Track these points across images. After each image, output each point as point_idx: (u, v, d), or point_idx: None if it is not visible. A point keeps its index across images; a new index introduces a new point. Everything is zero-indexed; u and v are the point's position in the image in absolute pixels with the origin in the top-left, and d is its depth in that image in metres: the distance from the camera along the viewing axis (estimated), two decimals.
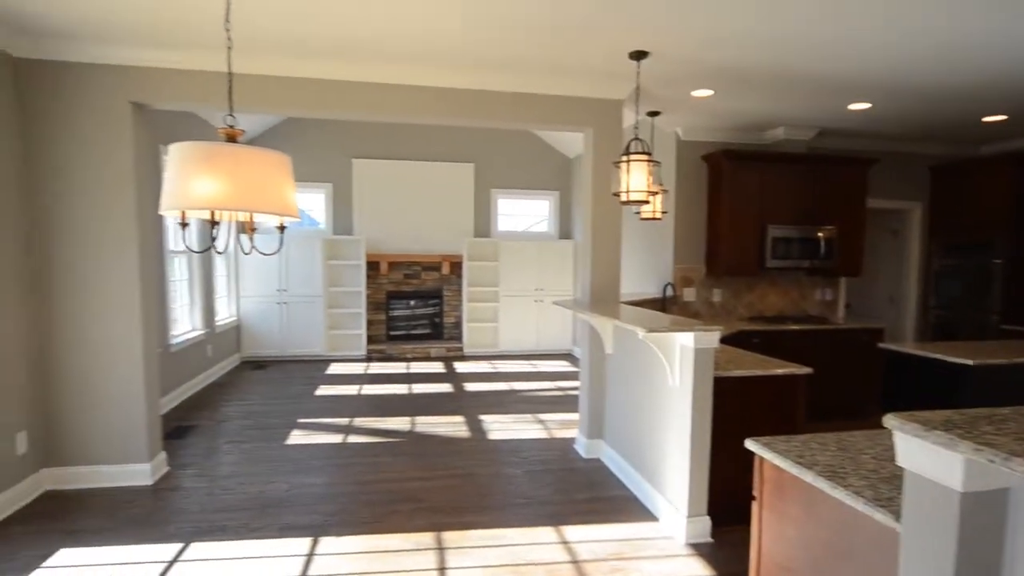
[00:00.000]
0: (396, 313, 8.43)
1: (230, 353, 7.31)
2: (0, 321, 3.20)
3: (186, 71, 3.55)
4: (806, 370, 3.18)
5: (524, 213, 8.79)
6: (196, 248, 4.21)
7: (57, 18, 3.02)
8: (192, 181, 1.97)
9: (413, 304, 8.48)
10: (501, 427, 4.93)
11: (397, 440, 4.57)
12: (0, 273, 3.20)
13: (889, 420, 1.16)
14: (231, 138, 2.17)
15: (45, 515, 3.25)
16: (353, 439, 4.57)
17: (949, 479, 1.07)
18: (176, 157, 1.99)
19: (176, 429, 4.76)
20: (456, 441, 4.56)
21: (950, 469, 1.07)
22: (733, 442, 3.03)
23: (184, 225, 2.11)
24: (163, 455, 3.88)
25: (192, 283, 6.22)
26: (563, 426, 4.96)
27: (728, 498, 3.02)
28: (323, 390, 6.14)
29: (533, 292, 8.29)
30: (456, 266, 8.37)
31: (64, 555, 2.82)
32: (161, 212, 2.04)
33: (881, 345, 4.21)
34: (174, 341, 5.54)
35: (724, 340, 4.51)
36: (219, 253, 2.23)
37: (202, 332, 6.25)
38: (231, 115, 2.29)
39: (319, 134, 7.98)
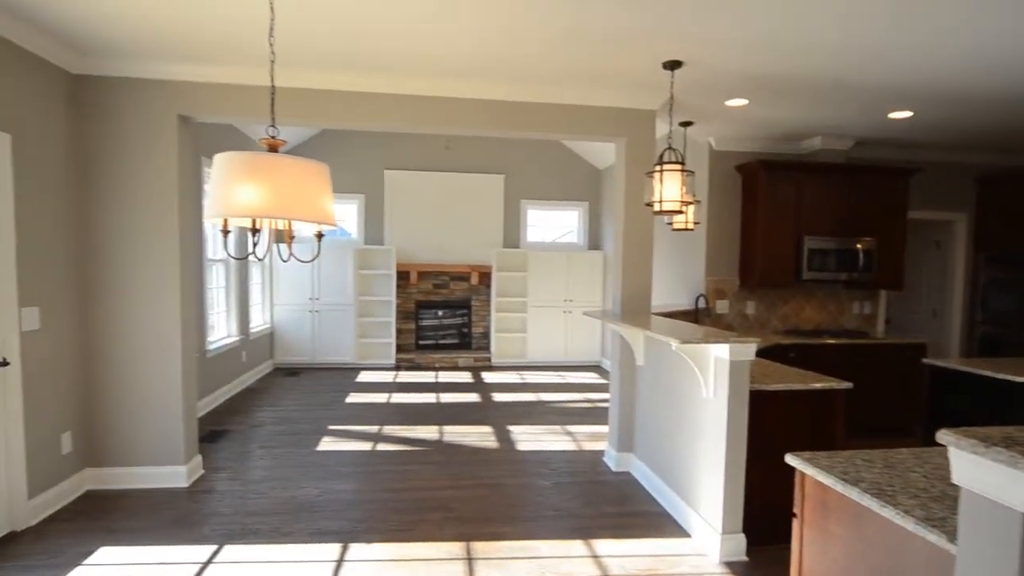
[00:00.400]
0: (425, 323, 8.49)
1: (263, 360, 7.46)
2: (54, 325, 3.33)
3: (231, 85, 3.67)
4: (846, 385, 3.08)
5: (553, 224, 8.80)
6: (234, 256, 4.32)
7: (111, 36, 3.16)
8: (235, 189, 2.02)
9: (442, 314, 8.53)
10: (529, 438, 4.90)
11: (426, 449, 4.58)
12: (54, 280, 3.34)
13: (944, 436, 1.11)
14: (273, 148, 2.23)
15: (87, 513, 3.34)
16: (382, 447, 4.60)
17: (1011, 499, 1.02)
18: (220, 166, 2.05)
19: (210, 433, 4.86)
20: (484, 451, 4.55)
21: (1012, 488, 1.01)
22: (769, 458, 2.95)
23: (226, 233, 2.16)
24: (199, 458, 3.96)
25: (229, 291, 6.38)
26: (592, 438, 4.90)
27: (764, 515, 2.94)
28: (353, 398, 6.21)
29: (562, 303, 8.26)
30: (485, 276, 8.41)
31: (104, 553, 2.90)
32: (206, 219, 2.10)
33: (925, 361, 4.06)
34: (210, 347, 5.68)
35: (759, 353, 4.41)
36: (259, 260, 2.28)
37: (237, 339, 6.40)
38: (273, 126, 2.35)
39: (353, 146, 8.14)
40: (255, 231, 2.14)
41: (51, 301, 3.33)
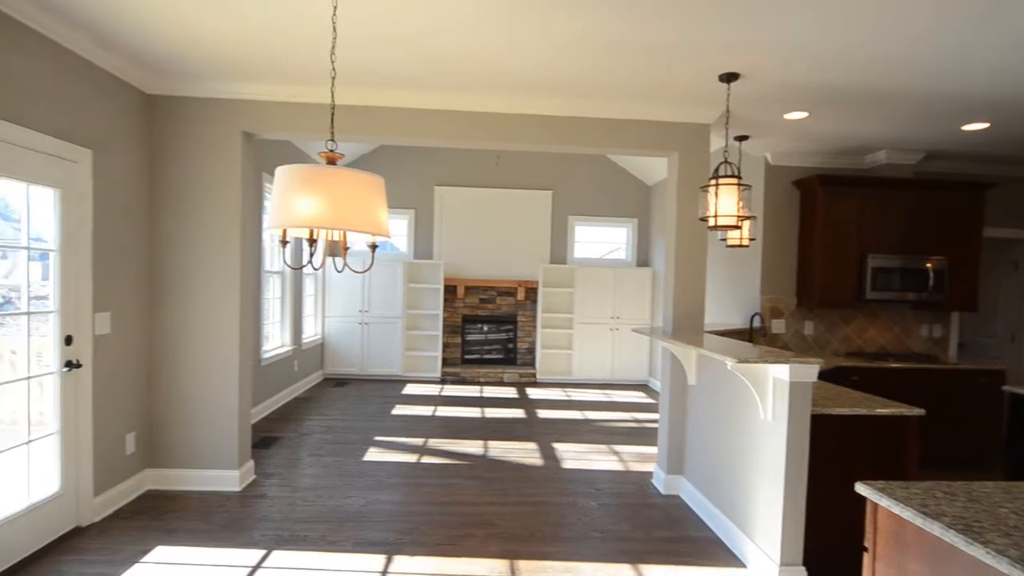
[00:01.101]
0: (471, 337, 8.53)
1: (314, 369, 7.64)
2: (123, 330, 3.51)
3: (292, 103, 3.81)
4: (917, 411, 2.88)
5: (601, 240, 8.72)
6: (291, 265, 4.46)
7: (183, 57, 3.34)
8: (294, 200, 2.07)
9: (487, 329, 8.55)
10: (575, 456, 4.81)
11: (470, 463, 4.56)
12: (125, 287, 3.52)
13: None
14: (331, 161, 2.28)
15: (146, 512, 3.47)
16: (427, 459, 4.60)
17: None
18: (281, 179, 2.12)
19: (263, 439, 4.99)
20: (529, 468, 4.49)
21: None
22: (832, 487, 2.79)
23: (284, 243, 2.22)
24: (251, 463, 4.07)
25: (284, 302, 6.59)
26: (640, 459, 4.77)
27: (827, 548, 2.77)
28: (399, 410, 6.27)
29: (608, 320, 8.14)
30: (531, 292, 8.39)
31: (161, 552, 2.99)
32: (266, 230, 2.16)
33: (1006, 388, 3.77)
34: (265, 356, 5.86)
35: (820, 376, 4.21)
36: (315, 270, 2.33)
37: (290, 348, 6.58)
38: (332, 140, 2.41)
39: (405, 162, 8.33)
40: (312, 242, 2.19)
41: (121, 307, 3.51)
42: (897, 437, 2.87)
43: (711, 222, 3.35)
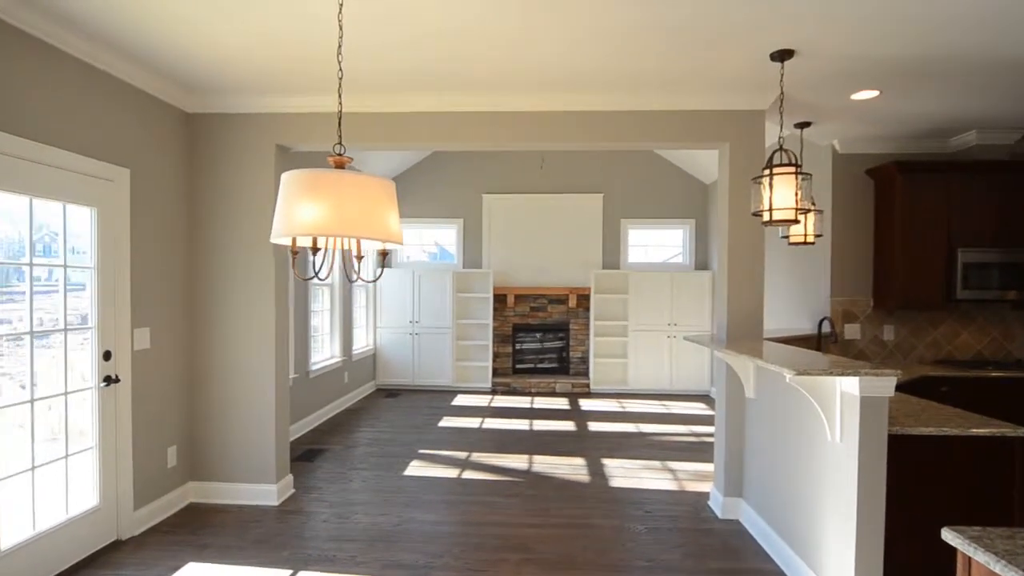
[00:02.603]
0: (522, 346, 8.33)
1: (366, 380, 7.67)
2: (162, 345, 3.55)
3: (323, 114, 3.77)
4: None
5: (656, 243, 8.32)
6: (301, 276, 4.42)
7: (219, 75, 3.36)
8: (297, 207, 1.96)
9: (539, 337, 8.32)
10: (625, 473, 4.49)
11: (513, 479, 4.34)
12: (164, 302, 3.57)
13: None
14: (339, 166, 2.15)
15: (185, 526, 3.47)
16: (468, 475, 4.43)
17: None
18: (284, 185, 2.00)
19: (308, 452, 4.98)
20: (575, 485, 4.22)
21: None
22: (914, 521, 2.39)
23: (295, 253, 2.10)
24: (290, 477, 4.03)
25: (333, 313, 6.64)
26: (696, 478, 4.39)
27: None
28: (446, 421, 6.14)
29: (665, 327, 7.72)
30: (583, 299, 8.10)
31: (191, 569, 2.96)
32: (272, 240, 2.05)
33: None
34: (313, 368, 5.90)
35: (902, 387, 3.73)
36: (322, 280, 2.19)
37: (339, 360, 6.62)
38: (340, 143, 2.29)
39: (452, 172, 8.28)
40: (315, 251, 2.06)
41: (160, 322, 3.56)
42: (998, 464, 2.42)
43: (766, 216, 3.00)
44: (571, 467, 4.64)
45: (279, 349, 3.87)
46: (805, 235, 4.11)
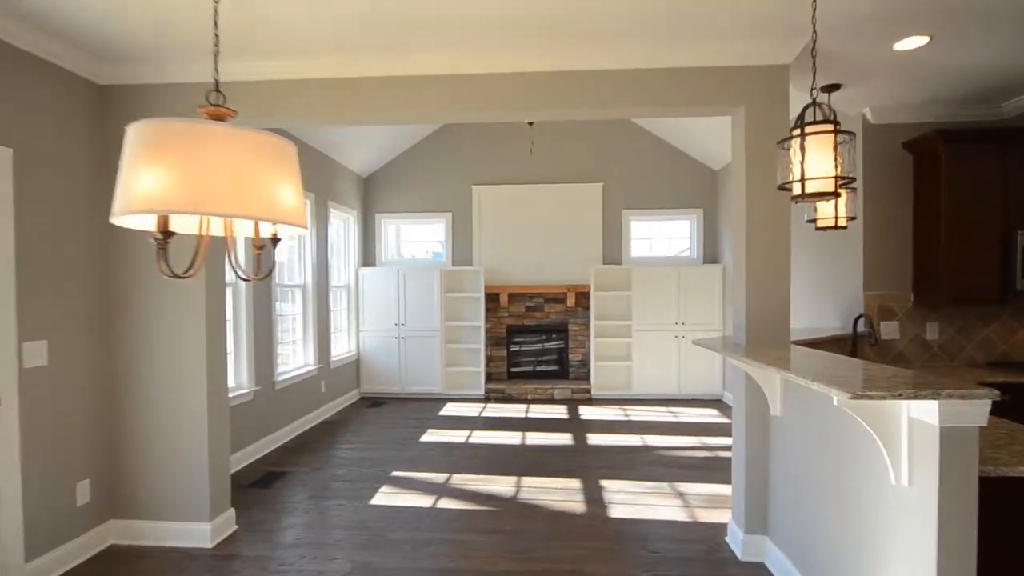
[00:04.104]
0: (517, 349, 7.71)
1: (348, 389, 7.08)
2: (67, 361, 2.96)
3: (268, 82, 3.16)
4: None
5: (661, 235, 7.67)
6: (171, 273, 3.81)
7: (134, 40, 2.76)
8: (138, 175, 1.35)
9: (535, 339, 7.69)
10: (627, 499, 3.86)
11: (495, 509, 3.72)
12: (68, 310, 2.97)
13: None
14: (218, 120, 1.54)
15: (99, 574, 2.89)
16: (445, 503, 3.81)
17: None
18: (127, 141, 1.40)
19: (267, 476, 4.39)
20: (567, 516, 3.60)
21: None
22: None
23: (159, 240, 1.47)
24: (230, 513, 3.43)
25: (306, 316, 6.04)
26: (711, 504, 3.76)
27: None
28: (430, 435, 5.53)
29: (673, 326, 7.07)
30: (583, 297, 7.47)
31: None
32: (111, 219, 1.43)
33: None
34: (280, 378, 5.30)
35: None
36: (178, 277, 1.57)
37: (314, 368, 6.02)
38: (217, 90, 1.68)
39: (438, 161, 7.66)
40: (163, 236, 1.44)
41: (63, 334, 2.96)
42: None
43: (796, 190, 2.36)
44: (565, 491, 4.02)
45: (213, 365, 3.27)
46: (836, 217, 3.47)
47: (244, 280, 1.74)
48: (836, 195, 2.31)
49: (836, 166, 2.27)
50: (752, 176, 2.99)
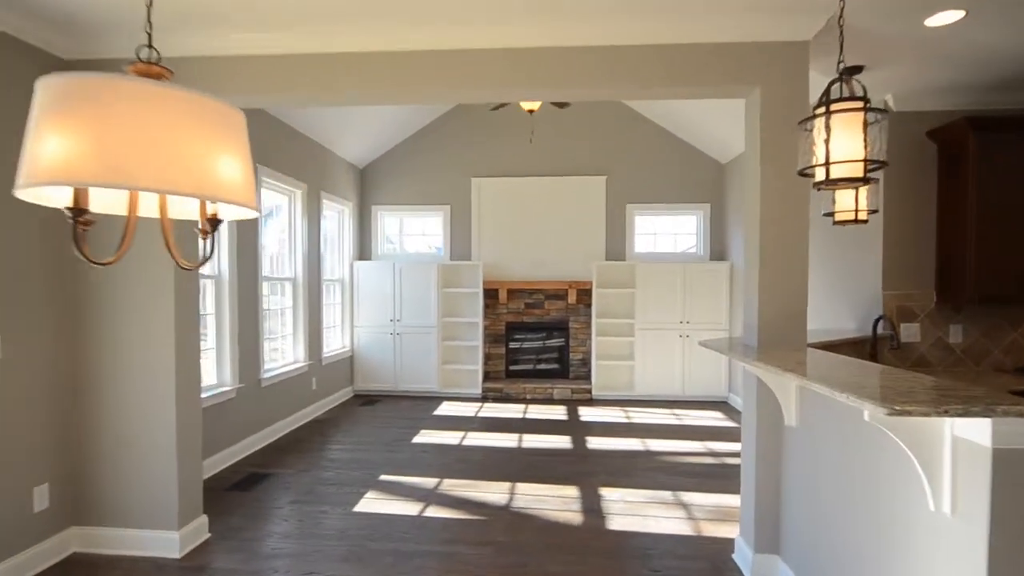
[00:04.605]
0: (516, 347, 7.47)
1: (341, 386, 6.86)
2: (23, 356, 2.74)
3: (244, 57, 2.92)
4: None
5: (667, 231, 7.41)
6: (89, 259, 3.59)
7: (97, 12, 2.54)
8: (43, 140, 1.12)
9: (535, 337, 7.46)
10: (627, 509, 3.63)
11: (486, 518, 3.49)
12: (25, 302, 2.75)
13: None
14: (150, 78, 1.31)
15: None
16: (432, 512, 3.58)
17: None
18: (35, 101, 1.16)
19: (249, 478, 4.17)
20: (562, 528, 3.37)
21: None
22: None
23: (79, 220, 1.24)
24: (202, 520, 3.21)
25: (296, 311, 5.82)
26: (716, 517, 3.52)
27: None
28: (423, 436, 5.31)
29: (677, 325, 6.82)
30: (584, 294, 7.22)
31: None
32: (15, 192, 1.20)
33: None
34: (267, 375, 5.08)
35: None
36: (97, 265, 1.33)
37: (304, 364, 5.80)
38: (151, 46, 1.46)
39: (436, 152, 7.42)
40: (76, 214, 1.21)
41: (19, 327, 2.74)
42: None
43: (818, 176, 2.12)
44: (562, 500, 3.79)
45: (183, 361, 3.04)
46: (856, 211, 3.21)
47: (185, 269, 1.51)
48: (865, 181, 2.07)
49: (865, 148, 2.02)
50: (768, 164, 2.75)
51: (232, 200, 1.23)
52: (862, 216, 3.23)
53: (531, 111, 5.22)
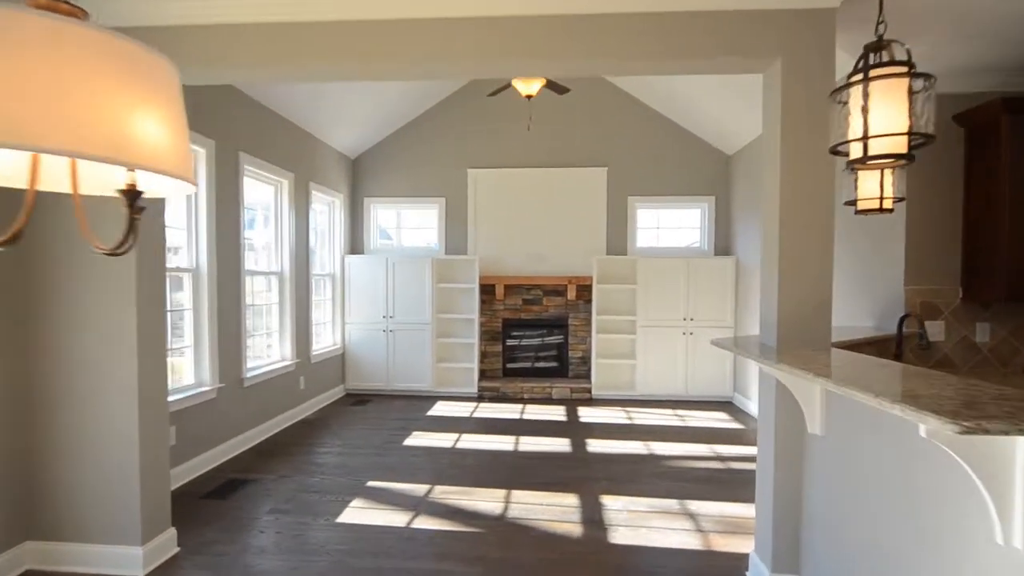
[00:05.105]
0: (513, 345, 7.22)
1: (332, 385, 6.60)
2: None
3: (199, 28, 2.66)
4: None
5: (670, 225, 7.15)
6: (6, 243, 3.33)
7: None
8: None
9: (532, 335, 7.20)
10: (630, 520, 3.38)
11: (478, 531, 3.24)
12: None
13: None
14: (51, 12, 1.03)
15: None
16: (421, 523, 3.33)
17: None
18: None
19: (227, 484, 3.92)
20: (561, 541, 3.12)
21: None
22: None
23: None
24: (171, 533, 2.95)
25: (283, 307, 5.56)
26: (727, 529, 3.27)
27: None
28: (414, 438, 5.06)
29: (681, 322, 6.57)
30: (584, 290, 6.96)
31: None
32: None
33: None
34: (249, 375, 4.82)
35: None
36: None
37: (291, 363, 5.54)
38: None
39: (431, 142, 7.15)
40: None
41: None
42: None
43: (853, 153, 1.86)
44: (560, 509, 3.54)
45: (147, 362, 2.78)
46: (881, 197, 2.94)
47: (107, 255, 1.25)
48: (909, 158, 1.81)
49: (910, 120, 1.76)
50: (789, 144, 2.48)
51: (158, 168, 0.97)
52: (887, 204, 2.97)
53: (529, 97, 4.95)
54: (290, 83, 4.53)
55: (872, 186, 2.96)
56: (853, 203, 3.08)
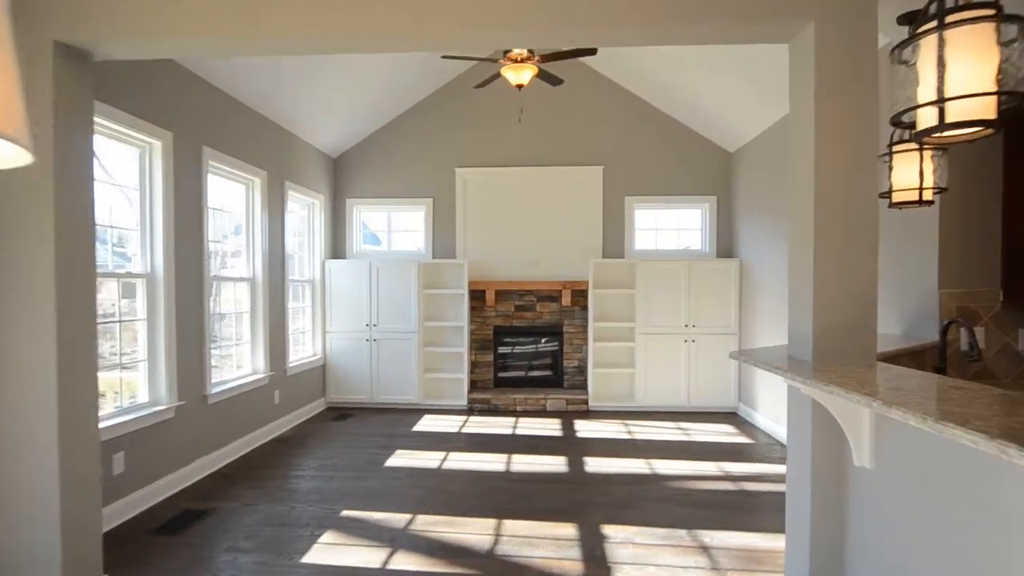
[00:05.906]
0: (505, 353, 6.82)
1: (311, 399, 6.17)
2: None
3: None
4: None
5: (669, 226, 6.80)
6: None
7: None
8: None
9: (525, 343, 6.81)
10: (636, 556, 2.98)
11: (464, 570, 2.83)
12: None
13: None
14: None
15: None
16: (399, 561, 2.92)
17: None
18: None
19: (180, 517, 3.48)
20: None
21: None
22: None
23: None
24: None
25: (255, 315, 5.14)
26: (746, 565, 2.88)
27: None
28: (397, 458, 4.64)
29: (682, 329, 6.20)
30: (580, 295, 6.58)
31: None
32: None
33: None
34: (215, 390, 4.39)
35: None
36: None
37: (264, 375, 5.12)
38: None
39: (417, 140, 6.76)
40: None
41: None
42: None
43: (922, 121, 1.49)
44: (555, 544, 3.13)
45: (70, 382, 2.37)
46: (921, 188, 2.59)
47: None
48: (996, 127, 1.43)
49: (998, 77, 1.39)
50: (824, 125, 2.11)
51: None
52: (928, 195, 2.61)
53: (520, 87, 4.58)
54: (237, 56, 4.13)
55: (910, 175, 2.61)
56: (887, 195, 2.72)
